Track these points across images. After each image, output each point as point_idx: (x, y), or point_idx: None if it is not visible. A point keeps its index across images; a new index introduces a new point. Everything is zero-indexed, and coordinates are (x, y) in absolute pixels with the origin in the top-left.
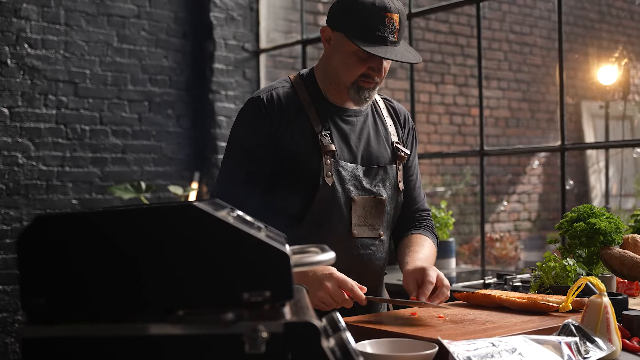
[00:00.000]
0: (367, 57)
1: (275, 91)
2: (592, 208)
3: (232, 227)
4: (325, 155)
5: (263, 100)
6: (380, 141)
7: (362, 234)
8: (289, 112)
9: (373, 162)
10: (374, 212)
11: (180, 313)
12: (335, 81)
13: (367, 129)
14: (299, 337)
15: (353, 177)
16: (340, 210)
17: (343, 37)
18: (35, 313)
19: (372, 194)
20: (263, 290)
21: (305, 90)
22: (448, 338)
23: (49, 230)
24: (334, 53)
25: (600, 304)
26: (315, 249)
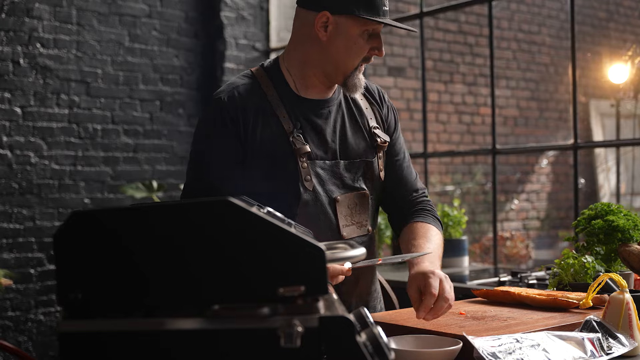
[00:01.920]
0: (369, 38)
1: (237, 89)
2: (609, 205)
3: (268, 222)
4: (300, 158)
5: (225, 102)
6: (357, 129)
7: (352, 234)
8: (254, 111)
9: (353, 155)
10: (359, 209)
11: (215, 308)
12: (330, 71)
13: (340, 118)
14: (334, 331)
15: (333, 176)
16: (325, 213)
17: (349, 20)
18: (72, 308)
19: (355, 189)
20: (298, 285)
21: (271, 85)
22: (472, 334)
23: (85, 226)
24: (334, 40)
25: (623, 300)
26: (343, 245)
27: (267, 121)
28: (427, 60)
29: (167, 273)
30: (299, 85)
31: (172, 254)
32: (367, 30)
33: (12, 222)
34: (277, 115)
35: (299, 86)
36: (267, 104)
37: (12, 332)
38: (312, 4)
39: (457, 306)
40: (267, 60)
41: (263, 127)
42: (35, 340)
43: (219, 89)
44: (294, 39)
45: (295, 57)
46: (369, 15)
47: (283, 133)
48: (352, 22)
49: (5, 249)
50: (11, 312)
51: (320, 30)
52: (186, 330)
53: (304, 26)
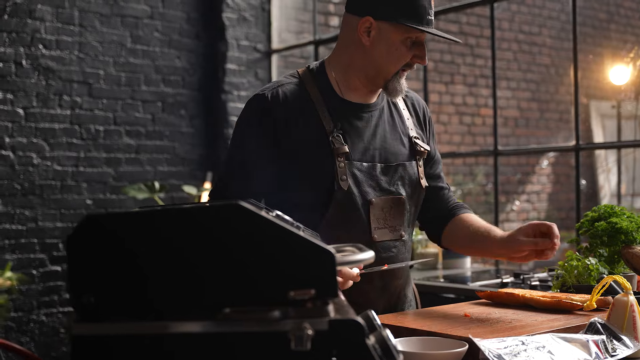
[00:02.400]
0: (412, 45)
1: (281, 88)
2: (613, 207)
3: (277, 226)
4: (338, 158)
5: (267, 99)
6: (397, 136)
7: (383, 237)
8: (296, 110)
9: (391, 159)
10: (394, 213)
11: (227, 311)
12: (372, 75)
13: (382, 124)
14: (344, 335)
15: (370, 178)
16: (358, 214)
17: (392, 26)
18: (84, 311)
19: (391, 193)
20: (308, 288)
21: (315, 86)
22: (477, 336)
23: (98, 230)
24: (376, 45)
25: (627, 302)
26: (352, 248)
27: (307, 120)
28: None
29: (179, 277)
30: (343, 88)
31: (183, 258)
32: (409, 37)
33: (14, 223)
34: (319, 115)
35: (342, 89)
36: (309, 103)
37: (15, 332)
38: (357, 9)
39: (462, 308)
40: (313, 63)
41: (303, 126)
42: (37, 341)
43: (264, 86)
44: (339, 42)
45: (339, 60)
46: (412, 23)
47: (323, 132)
48: (394, 28)
49: (8, 250)
50: (13, 312)
51: (363, 34)
52: (197, 334)
53: (348, 30)
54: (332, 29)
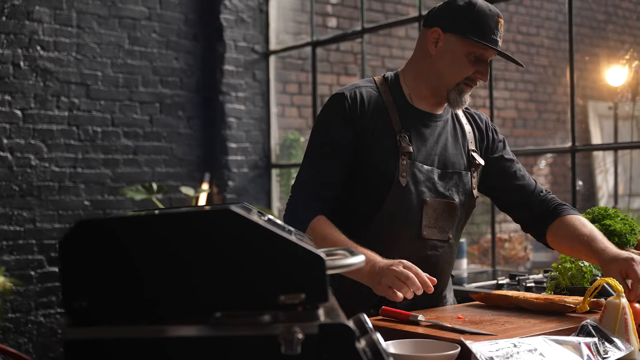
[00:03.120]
0: (476, 61)
1: (359, 90)
2: (606, 210)
3: (268, 230)
4: (402, 156)
5: (347, 97)
6: (457, 147)
7: (432, 235)
8: (370, 111)
9: (449, 166)
10: (445, 215)
11: (217, 315)
12: (436, 84)
13: (445, 134)
14: (333, 338)
15: (427, 180)
16: (412, 210)
17: (459, 38)
18: (77, 315)
19: (445, 197)
20: (298, 292)
21: (389, 92)
22: (470, 339)
23: (91, 234)
24: (442, 55)
25: (619, 304)
26: (343, 252)
27: (379, 120)
28: None
29: (171, 281)
30: (413, 96)
31: (175, 262)
32: (473, 52)
33: (12, 224)
34: (390, 117)
35: (413, 97)
36: (383, 106)
37: (13, 333)
38: (429, 22)
39: (456, 310)
40: (388, 73)
41: (375, 125)
42: (35, 342)
43: (344, 87)
44: (413, 54)
45: (411, 70)
46: (476, 38)
47: (392, 132)
48: (460, 41)
49: (6, 251)
50: (11, 314)
51: (431, 44)
52: (189, 338)
53: (421, 42)
54: (329, 30)
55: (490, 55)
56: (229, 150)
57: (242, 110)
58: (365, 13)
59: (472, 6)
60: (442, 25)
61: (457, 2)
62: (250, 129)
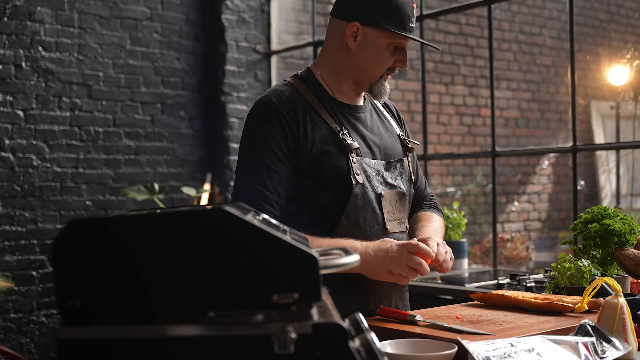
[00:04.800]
0: (395, 50)
1: (283, 94)
2: (606, 209)
3: (261, 230)
4: (350, 154)
5: (276, 104)
6: (389, 135)
7: (394, 228)
8: (301, 114)
9: (390, 156)
10: (399, 206)
11: (211, 314)
12: (358, 78)
13: (375, 123)
14: (327, 338)
15: (377, 173)
16: (373, 207)
17: (378, 31)
18: (70, 315)
19: (395, 187)
20: (292, 292)
21: (310, 91)
22: (467, 338)
23: (83, 234)
24: (363, 49)
25: (617, 304)
26: (338, 252)
27: (314, 122)
28: (427, 62)
29: (164, 280)
30: (334, 90)
31: (168, 261)
32: (393, 43)
33: (14, 224)
34: (322, 116)
35: (334, 91)
36: (310, 107)
37: (15, 334)
38: (344, 14)
39: (454, 310)
40: (299, 71)
41: (312, 128)
42: (37, 342)
43: (263, 94)
44: (326, 47)
45: (327, 65)
46: (396, 30)
47: (331, 132)
48: (380, 34)
49: (8, 251)
50: (13, 314)
51: (350, 39)
52: (182, 337)
53: (335, 35)
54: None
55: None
56: (230, 150)
57: (243, 111)
58: None
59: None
60: (360, 19)
61: None
62: None
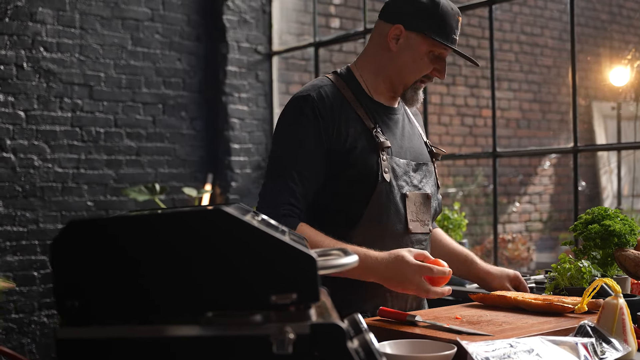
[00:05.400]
0: (435, 59)
1: (322, 89)
2: (606, 210)
3: (259, 231)
4: (381, 152)
5: (314, 98)
6: (417, 139)
7: (416, 229)
8: (337, 109)
9: (419, 158)
10: (423, 208)
11: (209, 315)
12: (394, 80)
13: (406, 127)
14: (325, 339)
15: (405, 173)
16: (397, 206)
17: (420, 37)
18: (69, 315)
19: (420, 189)
20: (290, 292)
21: (348, 89)
22: (466, 339)
23: (81, 235)
24: (403, 52)
25: (616, 305)
26: (337, 252)
27: (349, 118)
28: None
29: (163, 281)
30: (372, 90)
31: (167, 262)
32: (433, 51)
33: (15, 225)
34: (357, 113)
35: (371, 91)
36: (347, 103)
37: (16, 334)
38: (390, 17)
39: (454, 310)
40: (338, 69)
41: (346, 123)
42: (38, 342)
43: (302, 89)
44: (368, 47)
45: (367, 64)
46: (438, 38)
47: (365, 129)
48: (421, 40)
49: (9, 251)
50: (14, 314)
51: (392, 41)
52: (180, 337)
53: (379, 36)
54: (332, 30)
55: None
56: (232, 151)
57: (245, 111)
58: (367, 14)
59: (436, 5)
60: (404, 22)
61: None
62: (253, 129)
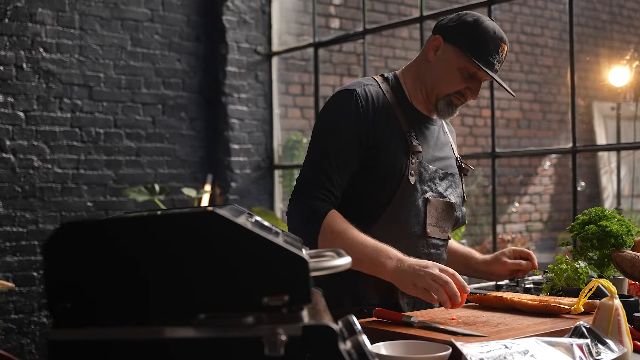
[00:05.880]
0: (469, 77)
1: (366, 87)
2: (603, 211)
3: (251, 232)
4: (412, 155)
5: (359, 94)
6: (449, 152)
7: (434, 234)
8: (379, 109)
9: (448, 169)
10: (445, 216)
11: (201, 317)
12: (429, 89)
13: (441, 138)
14: (317, 340)
15: (431, 180)
16: (417, 209)
17: (456, 51)
18: (61, 317)
19: (444, 197)
20: (282, 294)
21: (391, 91)
22: (461, 340)
23: (74, 237)
24: (438, 63)
25: (612, 306)
26: (331, 254)
27: (388, 119)
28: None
29: (155, 283)
30: (412, 97)
31: (159, 263)
32: (467, 68)
33: (15, 225)
34: (396, 116)
35: (412, 99)
36: (388, 106)
37: (16, 334)
38: (436, 28)
39: (450, 312)
40: (386, 73)
41: (384, 123)
42: (38, 342)
43: (348, 84)
44: (417, 57)
45: (411, 71)
46: (473, 57)
47: (401, 131)
48: (457, 54)
49: (9, 252)
50: (14, 314)
51: (431, 50)
52: (172, 339)
53: (426, 46)
54: (332, 31)
55: (485, 76)
56: (231, 151)
57: (244, 112)
58: (367, 14)
59: (478, 24)
60: (444, 34)
61: (466, 16)
62: (252, 130)
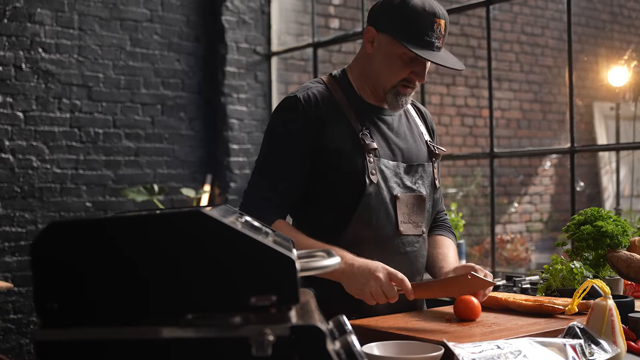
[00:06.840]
0: (411, 62)
1: (310, 90)
2: (599, 211)
3: (239, 233)
4: (367, 154)
5: (300, 99)
6: (415, 139)
7: (408, 231)
8: (326, 111)
9: (413, 159)
10: (416, 210)
11: (189, 317)
12: (374, 83)
13: (402, 127)
14: (305, 340)
15: (395, 175)
16: (387, 208)
17: (390, 39)
18: (48, 317)
19: (413, 191)
20: (269, 294)
21: (340, 91)
22: (454, 340)
23: (61, 236)
24: (376, 55)
25: (605, 306)
26: (321, 254)
27: (337, 120)
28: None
29: (142, 283)
30: (362, 91)
31: (146, 263)
32: (406, 53)
33: (14, 225)
34: (346, 115)
35: (362, 93)
36: (336, 105)
37: (14, 334)
38: (369, 18)
39: (444, 311)
40: (334, 71)
41: (334, 125)
42: None
43: (293, 90)
44: (359, 51)
45: (356, 66)
46: (407, 41)
47: (352, 131)
48: (391, 42)
49: (8, 252)
50: (13, 314)
51: (368, 43)
52: (159, 340)
53: (364, 40)
54: (331, 31)
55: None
56: (230, 151)
57: (244, 112)
58: (366, 14)
59: (405, 5)
60: (375, 24)
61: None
62: (252, 130)
